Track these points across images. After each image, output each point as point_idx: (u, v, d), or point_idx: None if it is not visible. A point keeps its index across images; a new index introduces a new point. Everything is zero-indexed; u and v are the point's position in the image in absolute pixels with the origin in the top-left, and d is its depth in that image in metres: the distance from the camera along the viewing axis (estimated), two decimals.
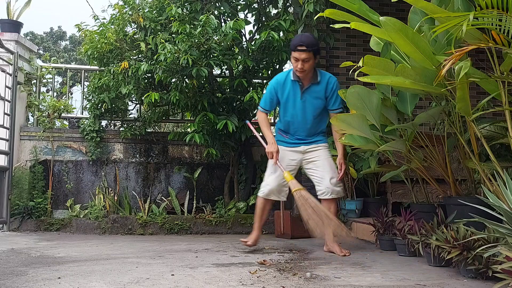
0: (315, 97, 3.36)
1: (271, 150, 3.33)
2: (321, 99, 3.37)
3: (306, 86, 3.34)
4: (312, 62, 3.23)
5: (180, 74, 4.48)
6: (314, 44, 3.23)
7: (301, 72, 3.25)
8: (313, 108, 3.37)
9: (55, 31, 20.95)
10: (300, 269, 2.66)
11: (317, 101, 3.36)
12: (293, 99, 3.36)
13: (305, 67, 3.21)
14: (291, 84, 3.35)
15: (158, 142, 5.58)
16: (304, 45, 3.17)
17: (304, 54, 3.17)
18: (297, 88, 3.34)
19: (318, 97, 3.36)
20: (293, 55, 3.23)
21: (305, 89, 3.34)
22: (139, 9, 4.76)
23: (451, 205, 2.94)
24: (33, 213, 5.01)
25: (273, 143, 3.35)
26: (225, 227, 4.88)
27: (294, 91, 3.35)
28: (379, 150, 3.13)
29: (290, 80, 3.35)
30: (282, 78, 3.40)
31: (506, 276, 1.90)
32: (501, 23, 2.19)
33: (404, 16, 2.88)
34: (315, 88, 3.35)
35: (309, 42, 3.19)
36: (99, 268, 2.70)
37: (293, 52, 3.22)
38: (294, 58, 3.22)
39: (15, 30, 5.29)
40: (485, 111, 2.59)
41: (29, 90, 5.50)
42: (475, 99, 4.80)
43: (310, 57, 3.19)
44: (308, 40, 3.21)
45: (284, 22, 4.51)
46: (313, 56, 3.21)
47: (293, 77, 3.33)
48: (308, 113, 3.37)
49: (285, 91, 3.37)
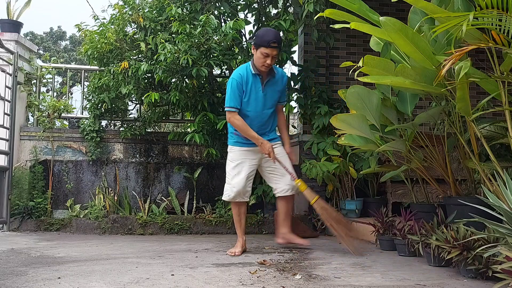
0: (274, 90, 3.46)
1: (267, 150, 3.33)
2: (278, 92, 3.50)
3: (266, 80, 3.41)
4: (276, 58, 3.38)
5: (180, 74, 4.48)
6: (281, 41, 3.40)
7: (267, 68, 3.32)
8: (272, 101, 3.47)
9: (55, 31, 20.96)
10: (300, 269, 2.66)
11: (275, 94, 3.48)
12: (255, 92, 3.39)
13: (272, 63, 3.31)
14: (252, 77, 3.38)
15: (158, 142, 5.58)
16: (276, 42, 3.24)
17: (275, 51, 3.26)
18: (258, 82, 3.39)
19: (276, 90, 3.48)
20: (263, 51, 3.24)
21: (265, 82, 3.41)
22: (139, 9, 4.76)
23: (451, 205, 2.94)
24: (33, 213, 5.01)
25: (263, 143, 3.34)
26: (225, 227, 4.88)
27: (255, 85, 3.39)
28: (379, 150, 3.13)
29: (251, 74, 3.38)
30: (243, 73, 3.39)
31: (506, 276, 1.90)
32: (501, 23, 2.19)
33: (404, 16, 2.88)
34: (273, 81, 3.45)
35: (279, 39, 3.32)
36: (99, 268, 2.70)
37: (263, 48, 3.24)
38: (264, 54, 3.25)
39: (15, 30, 5.28)
40: (485, 111, 2.59)
41: (29, 90, 5.50)
42: (475, 99, 4.80)
43: (277, 53, 3.31)
44: (279, 37, 3.32)
45: (284, 22, 4.51)
46: (279, 52, 3.37)
47: (254, 70, 3.37)
48: (268, 105, 3.45)
49: (248, 85, 3.38)
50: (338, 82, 5.50)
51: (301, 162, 5.06)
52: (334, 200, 4.89)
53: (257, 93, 3.38)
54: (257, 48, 3.29)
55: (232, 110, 3.35)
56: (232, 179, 3.43)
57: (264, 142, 3.33)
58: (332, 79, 5.51)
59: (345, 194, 4.80)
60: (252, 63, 3.38)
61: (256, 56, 3.31)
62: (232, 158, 3.47)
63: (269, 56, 3.25)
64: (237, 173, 3.42)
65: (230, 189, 3.43)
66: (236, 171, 3.42)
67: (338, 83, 5.47)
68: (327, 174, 4.57)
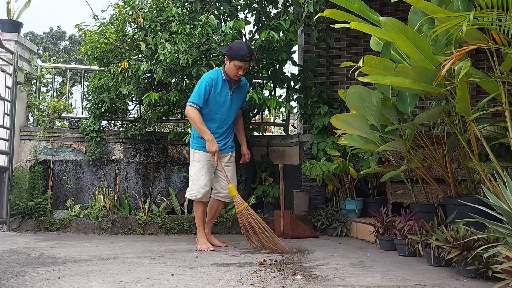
0: (239, 96, 3.80)
1: (214, 149, 3.56)
2: (242, 99, 3.86)
3: (234, 86, 3.74)
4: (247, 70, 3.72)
5: (180, 74, 4.48)
6: (252, 54, 3.82)
7: (237, 77, 3.66)
8: (236, 106, 3.80)
9: (55, 31, 20.96)
10: (300, 269, 2.66)
11: (240, 100, 3.82)
12: (224, 96, 3.69)
13: (243, 74, 3.66)
14: (222, 82, 3.69)
15: (158, 142, 5.58)
16: (249, 57, 3.59)
17: (247, 64, 3.63)
18: (227, 87, 3.70)
19: (240, 97, 3.82)
20: (237, 64, 3.56)
21: (233, 89, 3.73)
22: (139, 9, 4.76)
23: (451, 205, 2.94)
24: (33, 213, 5.01)
25: (213, 140, 3.57)
26: (225, 227, 4.87)
27: (224, 90, 3.69)
28: (379, 150, 3.13)
29: (222, 79, 3.69)
30: (214, 77, 3.68)
31: (506, 276, 1.90)
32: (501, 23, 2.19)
33: (404, 16, 2.88)
34: (239, 88, 3.79)
35: (252, 53, 3.69)
36: (99, 268, 2.70)
37: (237, 61, 3.55)
38: (238, 66, 3.57)
39: (15, 30, 5.28)
40: (485, 111, 2.59)
41: (29, 90, 5.49)
42: (475, 99, 4.81)
43: (248, 65, 3.69)
44: (251, 50, 3.68)
45: (284, 22, 4.51)
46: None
47: (225, 77, 3.68)
48: (233, 110, 3.76)
49: (217, 89, 3.66)
50: (338, 82, 5.50)
51: (301, 162, 5.07)
52: (334, 200, 4.90)
53: (225, 97, 3.70)
54: (230, 60, 3.59)
55: (193, 106, 3.60)
56: (199, 179, 3.66)
57: (212, 140, 3.55)
58: (332, 79, 5.51)
59: (345, 194, 4.80)
60: (223, 70, 3.69)
61: (229, 67, 3.61)
62: (198, 159, 3.70)
63: (241, 68, 3.59)
64: (204, 174, 3.67)
65: (198, 189, 3.66)
66: (203, 172, 3.68)
67: (338, 83, 5.48)
68: (327, 174, 4.58)
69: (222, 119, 3.72)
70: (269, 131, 7.65)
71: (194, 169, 3.71)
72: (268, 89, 5.37)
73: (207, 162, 3.68)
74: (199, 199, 3.67)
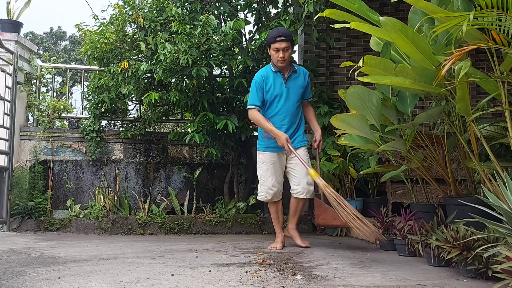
0: (297, 84, 3.63)
1: (283, 140, 3.42)
2: (302, 87, 3.65)
3: (288, 75, 3.60)
4: (290, 52, 3.55)
5: (180, 74, 4.48)
6: (290, 34, 3.56)
7: (282, 62, 3.51)
8: (296, 95, 3.61)
9: (55, 31, 20.96)
10: (300, 269, 2.66)
11: (298, 89, 3.63)
12: (279, 87, 3.58)
13: (286, 56, 3.51)
14: (273, 75, 3.60)
15: (158, 142, 5.58)
16: (282, 36, 3.48)
17: (284, 43, 3.48)
18: (279, 77, 3.59)
19: (299, 85, 3.63)
20: (273, 47, 3.51)
21: (287, 78, 3.60)
22: (139, 9, 4.76)
23: (451, 205, 2.94)
24: (33, 213, 5.01)
25: (281, 133, 3.46)
26: (225, 227, 4.88)
27: (277, 81, 3.59)
28: (379, 150, 3.13)
29: (272, 72, 3.60)
30: (263, 73, 3.62)
31: (506, 276, 1.90)
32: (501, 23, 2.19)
33: (404, 16, 2.88)
34: (295, 76, 3.64)
35: (286, 33, 3.54)
36: (99, 268, 2.70)
37: (273, 44, 3.50)
38: (275, 49, 3.50)
39: (15, 30, 5.29)
40: (485, 111, 2.59)
41: (29, 90, 5.50)
42: (475, 99, 4.81)
43: (289, 46, 3.51)
44: (285, 31, 3.57)
45: (284, 22, 4.51)
46: (290, 46, 3.53)
47: (274, 68, 3.59)
48: (292, 99, 3.59)
49: (269, 83, 3.58)
50: (338, 82, 5.50)
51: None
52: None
53: (280, 88, 3.57)
54: (269, 47, 3.56)
55: (251, 107, 3.57)
56: (267, 180, 3.64)
57: (279, 135, 3.44)
58: (332, 79, 5.51)
59: (345, 194, 4.79)
60: (271, 63, 3.62)
61: (271, 54, 3.56)
62: (263, 161, 3.67)
63: (279, 50, 3.48)
64: (271, 175, 3.62)
65: (266, 191, 3.64)
66: (270, 173, 3.63)
67: (338, 83, 5.48)
68: (327, 174, 4.57)
69: (284, 110, 3.57)
70: None
71: (260, 171, 3.70)
72: None
73: (273, 163, 3.62)
74: (269, 200, 3.66)
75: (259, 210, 5.06)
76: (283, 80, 3.58)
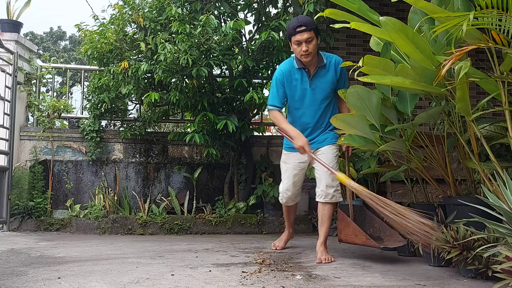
0: (325, 81, 3.17)
1: (300, 144, 3.04)
2: (331, 83, 3.18)
3: (314, 72, 3.14)
4: (315, 43, 3.04)
5: (180, 74, 4.48)
6: (312, 22, 3.05)
7: (306, 56, 3.04)
8: (323, 94, 3.18)
9: (55, 31, 20.96)
10: (300, 269, 2.66)
11: (327, 86, 3.17)
12: (301, 88, 3.17)
13: (310, 49, 3.02)
14: (297, 72, 3.16)
15: (158, 142, 5.58)
16: (303, 25, 2.99)
17: (306, 34, 2.99)
18: (304, 76, 3.16)
19: (327, 81, 3.17)
20: (293, 40, 3.04)
21: (313, 75, 3.15)
22: (139, 9, 4.76)
23: (451, 205, 2.93)
24: (33, 213, 5.01)
25: (299, 136, 3.07)
26: (225, 227, 4.88)
27: (302, 80, 3.16)
28: (379, 150, 3.12)
29: (296, 68, 3.16)
30: (286, 68, 3.18)
31: (506, 276, 1.90)
32: (501, 23, 2.19)
33: (404, 16, 2.87)
34: (322, 71, 3.16)
35: (307, 21, 3.03)
36: (99, 268, 2.70)
37: (293, 37, 3.03)
38: (296, 42, 3.03)
39: (15, 30, 5.29)
40: (485, 111, 2.59)
41: (29, 90, 5.50)
42: (475, 99, 4.81)
43: (312, 36, 3.01)
44: (305, 19, 3.06)
45: (284, 22, 4.51)
46: (315, 36, 3.03)
47: (298, 64, 3.14)
48: (318, 100, 3.18)
49: (292, 82, 3.17)
50: None
51: None
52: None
53: (304, 89, 3.16)
54: (290, 41, 3.09)
55: (271, 108, 3.22)
56: (282, 182, 3.40)
57: (295, 137, 3.07)
58: None
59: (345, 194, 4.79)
60: (295, 58, 3.16)
61: (293, 49, 3.10)
62: (284, 161, 3.40)
63: (301, 43, 3.01)
64: (287, 178, 3.35)
65: (281, 193, 3.41)
66: (286, 175, 3.36)
67: None
68: None
69: (308, 113, 3.19)
70: (269, 131, 7.65)
71: (281, 170, 3.40)
72: (268, 89, 5.37)
73: (293, 165, 3.29)
74: (283, 203, 3.45)
75: (259, 210, 5.06)
76: (307, 79, 3.14)
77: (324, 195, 3.13)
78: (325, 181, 3.11)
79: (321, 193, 3.13)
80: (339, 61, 3.18)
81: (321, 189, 3.13)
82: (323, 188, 3.12)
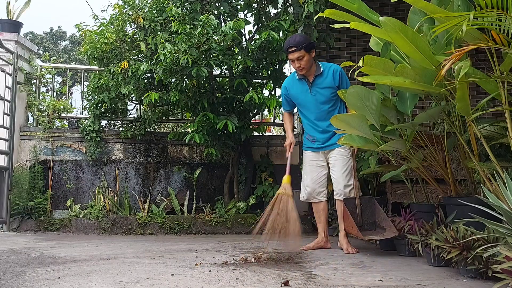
0: (323, 87, 3.52)
1: (286, 143, 3.63)
2: (331, 88, 3.52)
3: (312, 80, 3.54)
4: (307, 58, 3.43)
5: (180, 74, 4.48)
6: (301, 42, 3.42)
7: (301, 70, 3.48)
8: (325, 98, 3.53)
9: (55, 31, 20.96)
10: (300, 269, 2.66)
11: (326, 91, 3.52)
12: (304, 95, 3.58)
13: (302, 65, 3.44)
14: (298, 83, 3.59)
15: (158, 142, 5.58)
16: (293, 46, 3.40)
17: (297, 53, 3.40)
18: (304, 85, 3.57)
19: (326, 87, 3.52)
20: (289, 58, 3.49)
21: (312, 83, 3.54)
22: (139, 9, 4.76)
23: (451, 205, 2.94)
24: (33, 213, 5.01)
25: (288, 135, 3.67)
26: (225, 227, 4.87)
27: (303, 88, 3.58)
28: (379, 150, 3.13)
29: (297, 80, 3.60)
30: (289, 81, 3.68)
31: (506, 276, 1.90)
32: (501, 23, 2.19)
33: (404, 16, 2.88)
34: (320, 79, 3.53)
35: (297, 42, 3.42)
36: (99, 268, 2.70)
37: (287, 55, 3.50)
38: (290, 60, 3.49)
39: (15, 30, 5.28)
40: (485, 111, 2.59)
41: (29, 90, 5.49)
42: (475, 99, 4.80)
43: (302, 54, 3.41)
44: (295, 40, 3.44)
45: (284, 22, 4.51)
46: (305, 53, 3.41)
47: (298, 76, 3.58)
48: (321, 103, 3.55)
49: (294, 91, 3.62)
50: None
51: (301, 162, 5.05)
52: (334, 200, 4.88)
53: (306, 95, 3.57)
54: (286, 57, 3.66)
55: (282, 111, 3.89)
56: (303, 179, 3.67)
57: (287, 138, 3.66)
58: None
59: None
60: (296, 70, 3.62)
61: (290, 64, 3.59)
62: (304, 160, 3.72)
63: (294, 61, 3.45)
64: (306, 174, 3.65)
65: (302, 190, 3.67)
66: (305, 172, 3.67)
67: None
68: None
69: (314, 117, 3.58)
70: (269, 131, 7.65)
71: (302, 170, 3.73)
72: (268, 89, 5.37)
73: (309, 162, 3.64)
74: (305, 200, 3.70)
75: (259, 210, 5.05)
76: (308, 87, 3.55)
77: (343, 194, 3.49)
78: (342, 182, 3.49)
79: (340, 192, 3.50)
80: (336, 69, 3.55)
81: (340, 189, 3.50)
82: (341, 188, 3.49)
